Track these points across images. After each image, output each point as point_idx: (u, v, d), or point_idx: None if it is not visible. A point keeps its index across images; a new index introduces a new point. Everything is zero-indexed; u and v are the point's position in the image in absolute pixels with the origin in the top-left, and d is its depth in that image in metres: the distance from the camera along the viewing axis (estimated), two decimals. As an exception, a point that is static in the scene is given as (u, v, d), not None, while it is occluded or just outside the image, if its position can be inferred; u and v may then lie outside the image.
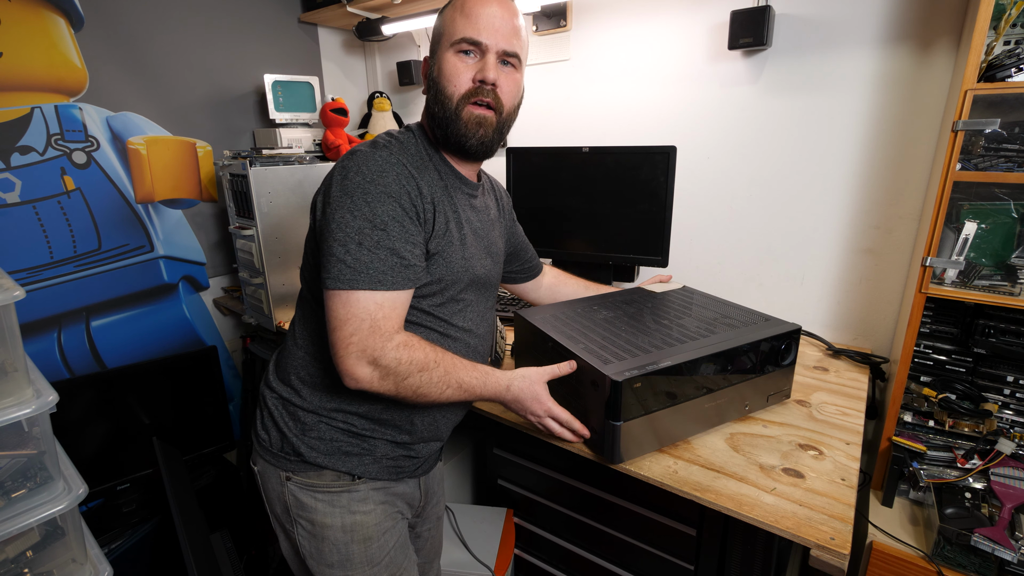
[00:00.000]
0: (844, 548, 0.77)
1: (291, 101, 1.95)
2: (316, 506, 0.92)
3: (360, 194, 0.80)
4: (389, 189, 0.81)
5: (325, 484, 0.92)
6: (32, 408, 0.89)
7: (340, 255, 0.79)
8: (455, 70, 0.87)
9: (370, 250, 0.79)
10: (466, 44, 0.86)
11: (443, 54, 0.88)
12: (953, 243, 1.07)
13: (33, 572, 0.96)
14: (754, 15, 1.37)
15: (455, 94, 0.87)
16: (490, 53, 0.87)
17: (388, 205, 0.81)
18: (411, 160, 0.87)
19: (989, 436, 1.11)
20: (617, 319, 1.12)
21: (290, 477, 0.93)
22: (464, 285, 0.94)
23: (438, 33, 0.90)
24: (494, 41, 0.86)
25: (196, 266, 2.01)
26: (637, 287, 1.35)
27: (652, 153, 1.44)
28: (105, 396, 1.69)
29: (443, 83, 0.88)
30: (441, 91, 0.88)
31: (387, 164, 0.83)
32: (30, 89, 1.56)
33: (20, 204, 1.58)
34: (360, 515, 0.94)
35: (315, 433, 0.92)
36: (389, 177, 0.82)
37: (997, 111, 0.99)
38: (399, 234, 0.82)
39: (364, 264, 0.79)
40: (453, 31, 0.87)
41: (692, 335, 1.02)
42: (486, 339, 1.05)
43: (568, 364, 0.95)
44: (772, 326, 1.05)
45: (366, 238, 0.79)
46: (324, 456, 0.91)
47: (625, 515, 1.23)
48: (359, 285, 0.79)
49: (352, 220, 0.80)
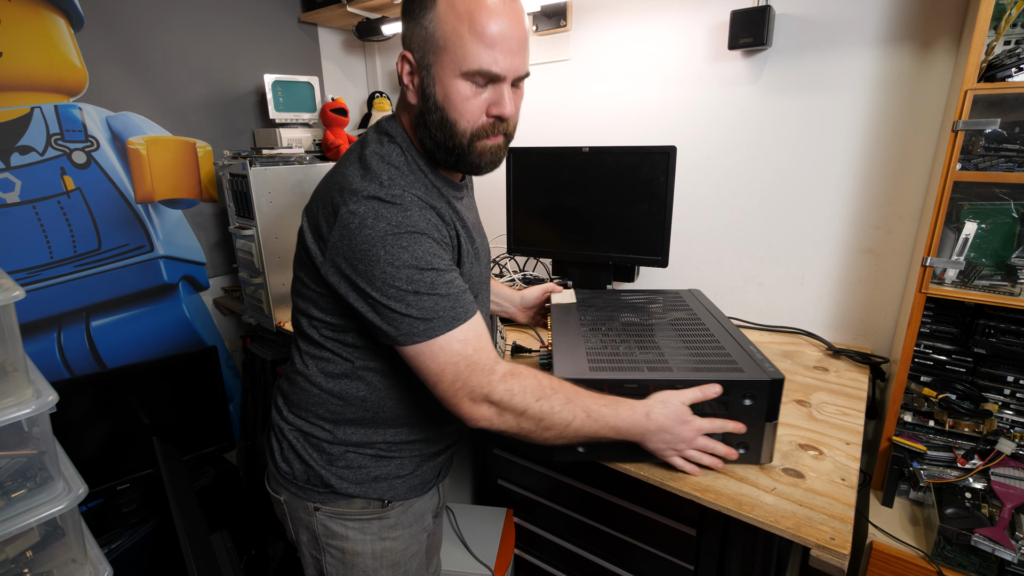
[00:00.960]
0: (844, 548, 0.77)
1: (291, 101, 1.95)
2: (347, 534, 0.91)
3: (392, 242, 0.73)
4: (419, 227, 0.75)
5: (355, 512, 0.91)
6: (32, 408, 0.89)
7: (403, 311, 0.74)
8: (467, 104, 0.77)
9: (428, 294, 0.74)
10: (482, 78, 0.76)
11: (450, 78, 0.76)
12: (953, 243, 1.07)
13: (33, 572, 0.96)
14: (754, 15, 1.37)
15: (468, 131, 0.78)
16: (506, 84, 0.77)
17: (425, 243, 0.75)
18: (419, 188, 0.80)
19: (989, 436, 1.11)
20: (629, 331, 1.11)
21: (319, 508, 0.91)
22: (475, 291, 0.90)
23: (436, 43, 0.75)
24: (512, 70, 0.76)
25: (196, 266, 2.01)
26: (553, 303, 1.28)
27: (652, 153, 1.43)
28: (105, 396, 1.69)
29: (451, 114, 0.78)
30: (448, 121, 0.78)
31: (405, 204, 0.75)
32: (30, 89, 1.56)
33: (20, 204, 1.57)
34: (390, 541, 0.93)
35: (343, 463, 0.89)
36: (414, 215, 0.75)
37: (997, 111, 0.99)
38: (446, 266, 0.77)
39: (431, 309, 0.74)
40: (464, 56, 0.74)
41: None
42: (492, 340, 1.04)
43: (712, 387, 0.86)
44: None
45: (419, 284, 0.74)
46: (354, 485, 0.89)
47: (625, 515, 1.23)
48: (437, 332, 0.74)
49: (396, 272, 0.73)
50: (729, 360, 0.94)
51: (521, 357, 1.44)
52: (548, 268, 1.90)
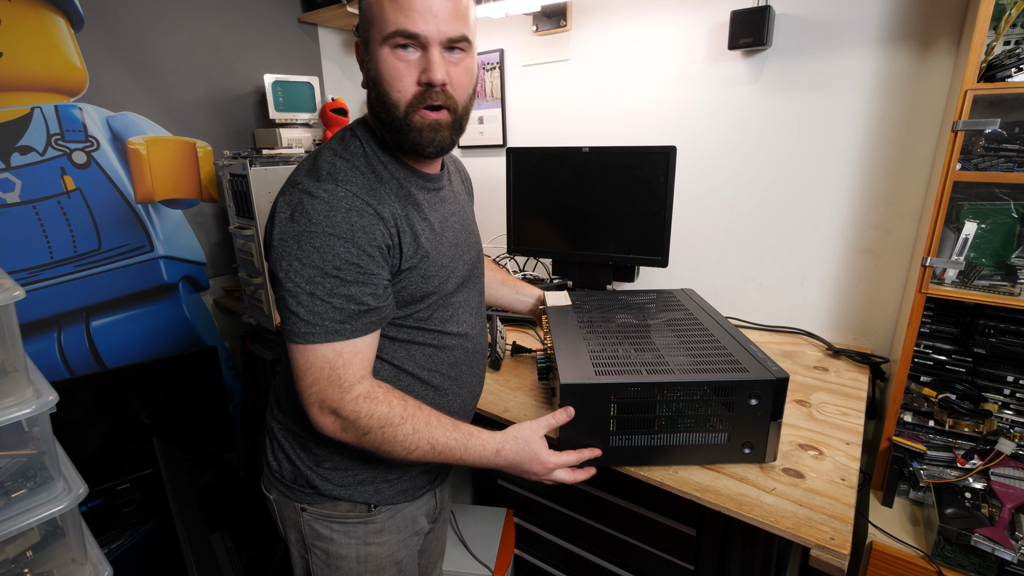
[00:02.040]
0: (844, 548, 0.77)
1: (291, 101, 1.95)
2: (332, 536, 0.91)
3: (307, 239, 0.72)
4: (338, 230, 0.72)
5: (341, 515, 0.90)
6: (32, 408, 0.89)
7: (293, 307, 0.73)
8: (394, 72, 0.74)
9: (323, 300, 0.73)
10: (401, 38, 0.72)
11: (377, 49, 0.74)
12: (953, 243, 1.07)
13: (33, 572, 0.96)
14: (754, 15, 1.37)
15: (400, 101, 0.75)
16: (432, 46, 0.73)
17: (339, 248, 0.72)
18: (362, 181, 0.77)
19: (989, 436, 1.11)
20: (626, 332, 1.11)
21: (305, 508, 0.91)
22: (452, 289, 0.89)
23: (366, 18, 0.75)
24: (435, 29, 0.72)
25: (196, 266, 2.01)
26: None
27: (652, 153, 1.43)
28: (105, 396, 1.69)
29: (385, 87, 0.75)
30: (384, 96, 0.76)
31: (334, 200, 0.73)
32: (30, 89, 1.56)
33: (20, 204, 1.58)
34: (375, 546, 0.92)
35: (329, 464, 0.88)
36: (338, 216, 0.73)
37: (997, 111, 0.99)
38: (355, 277, 0.74)
39: (319, 315, 0.73)
40: (383, 21, 0.72)
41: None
42: (482, 338, 1.00)
43: (565, 411, 0.88)
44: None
45: (318, 287, 0.72)
46: (339, 487, 0.89)
47: (625, 515, 1.23)
48: (315, 339, 0.73)
49: (301, 268, 0.72)
50: (732, 360, 0.94)
51: (521, 357, 1.44)
52: (548, 268, 1.90)
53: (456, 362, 0.92)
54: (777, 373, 0.88)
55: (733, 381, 0.88)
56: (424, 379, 0.89)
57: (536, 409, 1.17)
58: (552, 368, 1.07)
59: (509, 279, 1.33)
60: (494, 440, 0.83)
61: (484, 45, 1.96)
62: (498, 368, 1.37)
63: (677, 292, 1.34)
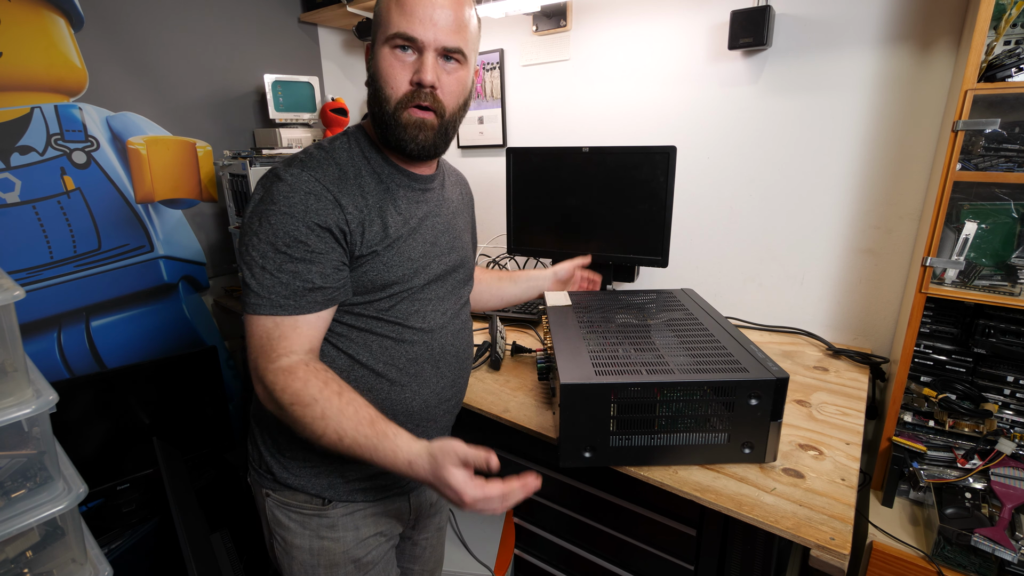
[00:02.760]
0: (844, 548, 0.77)
1: (291, 101, 1.95)
2: (289, 525, 0.92)
3: (265, 217, 0.77)
4: (293, 210, 0.77)
5: (297, 504, 0.91)
6: (32, 408, 0.89)
7: (247, 279, 0.78)
8: (391, 70, 0.81)
9: (272, 274, 0.77)
10: (400, 40, 0.79)
11: (379, 49, 0.81)
12: (953, 243, 1.07)
13: (33, 572, 0.96)
14: (754, 15, 1.37)
15: (392, 97, 0.81)
16: (428, 51, 0.79)
17: (290, 226, 0.76)
18: (332, 171, 0.81)
19: (989, 436, 1.11)
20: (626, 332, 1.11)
21: (269, 494, 0.92)
22: (422, 283, 0.89)
23: (375, 22, 0.82)
24: (432, 36, 0.78)
25: (196, 266, 2.01)
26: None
27: (652, 153, 1.43)
28: (105, 396, 1.69)
29: (380, 83, 0.82)
30: (379, 91, 0.82)
31: (296, 183, 0.78)
32: (30, 89, 1.56)
33: (20, 204, 1.58)
34: (328, 541, 0.92)
35: (289, 452, 0.89)
36: (295, 198, 0.77)
37: (997, 111, 0.99)
38: (302, 255, 0.77)
39: (267, 288, 0.77)
40: (388, 23, 0.79)
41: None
42: (457, 341, 0.97)
43: (491, 459, 0.73)
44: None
45: (269, 262, 0.77)
46: (294, 477, 0.90)
47: (625, 515, 1.23)
48: (261, 310, 0.77)
49: (257, 243, 0.77)
50: (732, 360, 0.94)
51: (521, 357, 1.44)
52: (548, 268, 1.90)
53: (416, 358, 0.90)
54: (777, 373, 0.88)
55: (733, 381, 0.88)
56: (379, 371, 0.87)
57: (536, 409, 1.17)
58: (552, 368, 1.07)
59: (509, 274, 1.33)
60: (410, 451, 0.73)
61: (484, 45, 1.96)
62: (498, 368, 1.37)
63: (677, 292, 1.34)
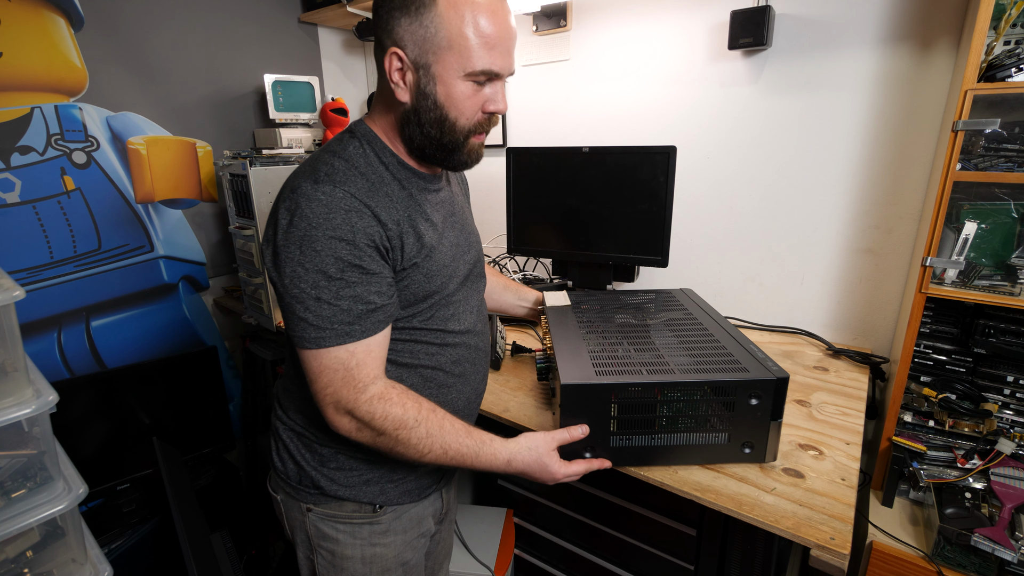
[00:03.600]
0: (844, 548, 0.77)
1: (291, 101, 1.95)
2: (337, 537, 0.91)
3: (308, 243, 0.72)
4: (338, 232, 0.73)
5: (346, 515, 0.90)
6: (32, 408, 0.89)
7: (301, 313, 0.74)
8: (468, 102, 0.78)
9: (331, 303, 0.74)
10: (484, 77, 0.77)
11: (453, 79, 0.76)
12: (953, 243, 1.07)
13: (33, 572, 0.96)
14: (754, 15, 1.37)
15: (465, 127, 0.80)
16: (502, 82, 0.80)
17: (341, 250, 0.73)
18: (362, 183, 0.78)
19: (989, 436, 1.11)
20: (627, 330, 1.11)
21: (311, 508, 0.91)
22: (455, 287, 0.90)
23: (440, 45, 0.75)
24: (508, 68, 0.79)
25: (196, 266, 2.01)
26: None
27: (652, 153, 1.43)
28: (105, 396, 1.69)
29: (452, 112, 0.78)
30: (447, 119, 0.79)
31: (332, 202, 0.73)
32: (30, 89, 1.56)
33: (20, 204, 1.57)
34: (380, 547, 0.92)
35: (334, 464, 0.89)
36: (337, 218, 0.73)
37: (997, 111, 0.99)
38: (359, 278, 0.75)
39: (327, 319, 0.74)
40: (470, 58, 0.75)
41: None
42: (485, 334, 1.01)
43: (580, 428, 0.88)
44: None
45: (323, 291, 0.73)
46: (344, 488, 0.89)
47: (625, 515, 1.23)
48: (327, 343, 0.74)
49: (305, 274, 0.73)
50: (732, 360, 0.94)
51: (521, 357, 1.44)
52: (548, 268, 1.90)
53: (460, 359, 0.92)
54: (777, 373, 0.88)
55: (733, 381, 0.88)
56: (428, 377, 0.89)
57: (536, 409, 1.17)
58: (552, 368, 1.07)
59: (511, 284, 1.34)
60: (506, 450, 0.84)
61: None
62: (498, 368, 1.37)
63: (676, 292, 1.34)
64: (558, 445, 0.87)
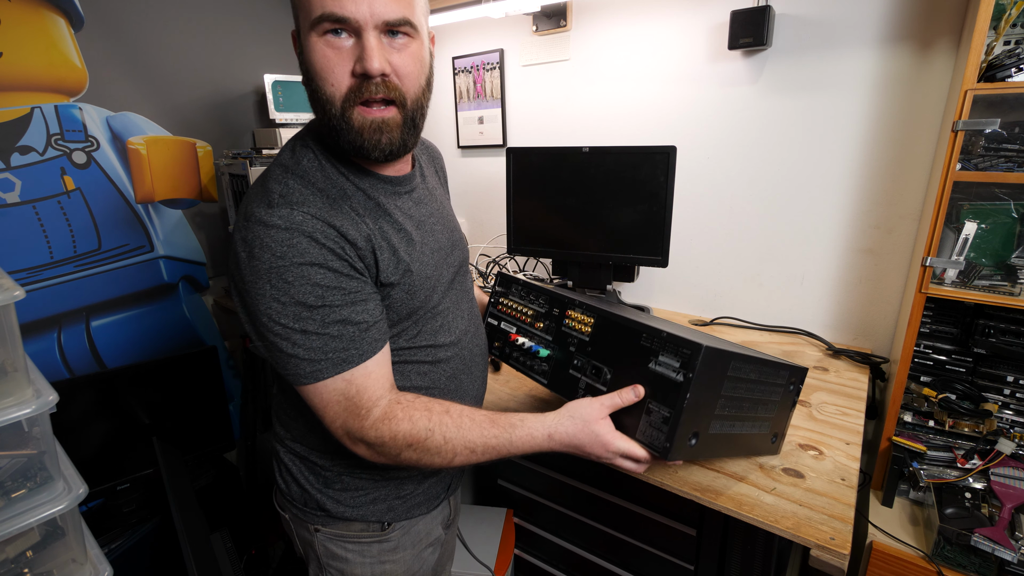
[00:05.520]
0: (844, 548, 0.77)
1: (291, 101, 1.95)
2: (347, 556, 0.88)
3: (277, 275, 0.65)
4: (307, 257, 0.65)
5: (354, 535, 0.88)
6: (32, 408, 0.89)
7: (289, 350, 0.67)
8: (325, 62, 0.65)
9: (319, 333, 0.67)
10: (329, 23, 0.63)
11: (305, 39, 0.66)
12: (953, 243, 1.07)
13: (33, 572, 0.96)
14: (754, 15, 1.37)
15: (335, 95, 0.67)
16: (367, 31, 0.64)
17: (315, 276, 0.66)
18: (320, 201, 0.69)
19: (989, 436, 1.11)
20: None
21: (319, 529, 0.88)
22: (439, 297, 0.83)
23: (294, 4, 0.67)
24: (367, 12, 0.63)
25: (196, 266, 2.01)
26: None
27: (652, 153, 1.43)
28: (105, 396, 1.69)
29: (316, 81, 0.67)
30: (317, 91, 0.67)
31: (292, 225, 0.65)
32: (30, 89, 1.56)
33: (20, 204, 1.57)
34: (390, 564, 0.90)
35: (339, 485, 0.85)
36: (302, 243, 0.65)
37: (997, 111, 0.99)
38: (342, 300, 0.68)
39: (320, 350, 0.68)
40: (310, 6, 0.63)
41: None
42: (480, 333, 0.95)
43: (633, 390, 0.74)
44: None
45: (308, 322, 0.67)
46: (351, 508, 0.86)
47: (625, 515, 1.23)
48: (325, 374, 0.68)
49: (283, 308, 0.66)
50: (759, 352, 0.92)
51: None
52: (548, 268, 1.90)
53: (455, 373, 0.87)
54: (799, 365, 0.92)
55: (793, 366, 0.90)
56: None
57: (536, 410, 1.17)
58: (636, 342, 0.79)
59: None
60: (544, 425, 0.75)
61: (484, 45, 1.96)
62: (498, 369, 1.37)
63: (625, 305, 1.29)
64: (609, 412, 0.75)
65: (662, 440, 0.71)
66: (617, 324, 0.81)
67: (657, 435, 0.71)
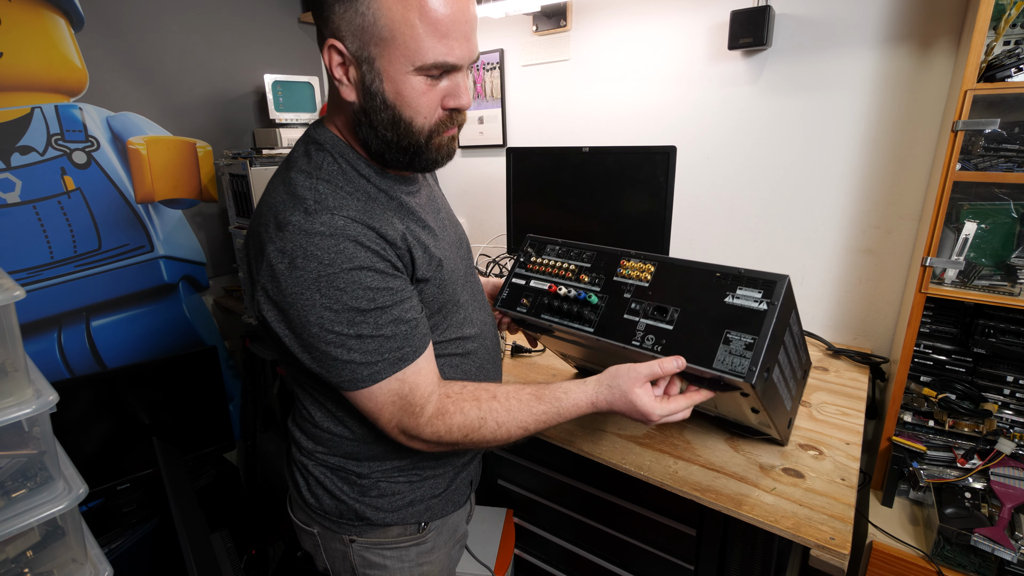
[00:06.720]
0: (844, 548, 0.77)
1: (291, 101, 1.95)
2: (385, 563, 0.89)
3: (327, 283, 0.65)
4: (356, 262, 0.66)
5: (392, 540, 0.88)
6: (32, 408, 0.89)
7: (345, 356, 0.68)
8: (424, 99, 0.69)
9: (374, 336, 0.68)
10: (437, 70, 0.67)
11: (401, 74, 0.67)
12: (953, 243, 1.07)
13: (33, 572, 0.96)
14: (754, 15, 1.37)
15: (425, 127, 0.70)
16: (463, 72, 0.70)
17: (366, 280, 0.67)
18: (355, 204, 0.70)
19: (989, 436, 1.11)
20: None
21: (354, 540, 0.87)
22: (459, 289, 0.86)
23: (382, 35, 0.64)
24: (467, 57, 0.68)
25: (196, 266, 2.01)
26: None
27: (652, 153, 1.43)
28: (105, 396, 1.69)
29: (406, 112, 0.69)
30: (403, 120, 0.69)
31: (336, 231, 0.66)
32: (30, 89, 1.56)
33: (20, 204, 1.57)
34: (427, 565, 0.91)
35: (375, 492, 0.85)
36: (349, 248, 0.66)
37: (997, 111, 0.99)
38: (392, 300, 0.69)
39: (375, 352, 0.69)
40: (418, 49, 0.65)
41: None
42: (493, 325, 0.97)
43: (675, 360, 0.76)
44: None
45: (363, 327, 0.68)
46: (390, 513, 0.86)
47: (625, 515, 1.23)
48: (380, 376, 0.70)
49: (336, 316, 0.66)
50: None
51: (521, 357, 1.44)
52: (548, 268, 1.90)
53: (481, 364, 0.90)
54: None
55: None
56: None
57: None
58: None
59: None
60: (585, 394, 0.78)
61: (484, 45, 1.96)
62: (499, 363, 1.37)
63: None
64: (647, 380, 0.76)
65: (747, 365, 0.74)
66: (682, 267, 0.86)
67: (740, 361, 0.74)
